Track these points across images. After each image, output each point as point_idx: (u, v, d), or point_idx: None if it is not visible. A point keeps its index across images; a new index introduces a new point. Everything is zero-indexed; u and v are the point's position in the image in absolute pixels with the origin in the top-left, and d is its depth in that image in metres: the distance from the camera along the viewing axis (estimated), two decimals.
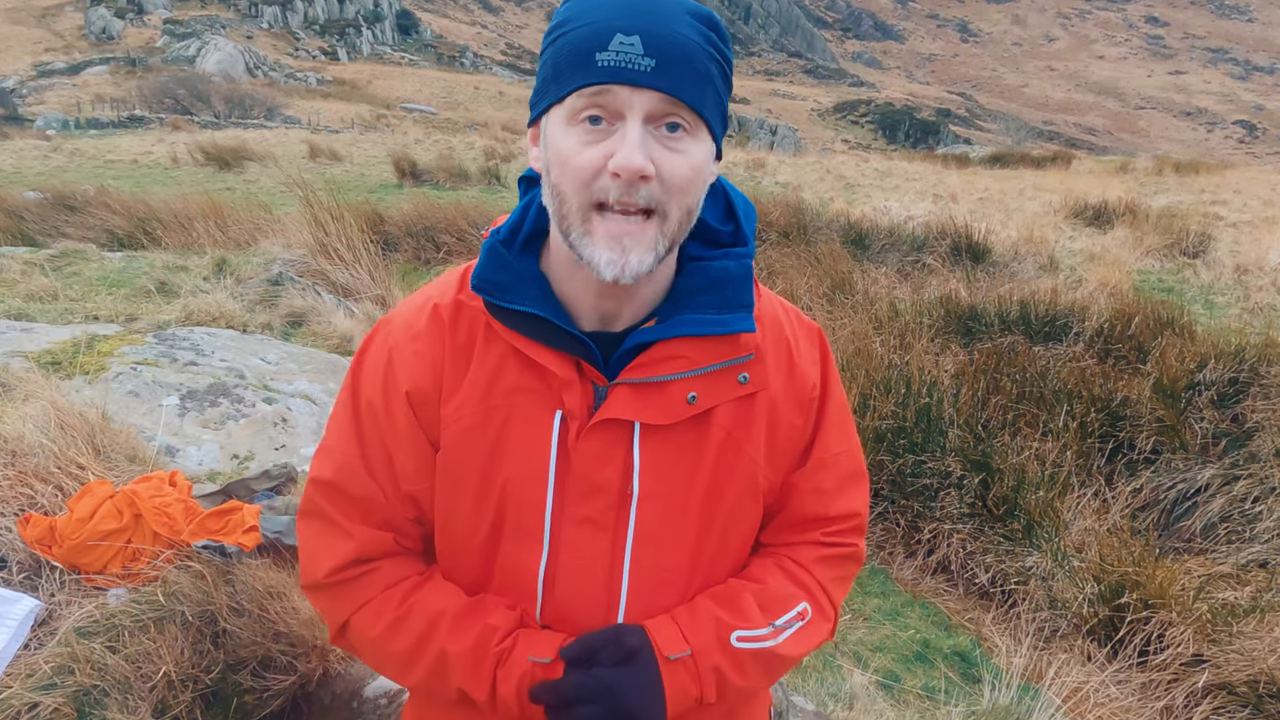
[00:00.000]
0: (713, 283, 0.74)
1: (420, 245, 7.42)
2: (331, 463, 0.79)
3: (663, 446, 0.73)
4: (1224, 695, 2.31)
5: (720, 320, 0.73)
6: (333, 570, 0.78)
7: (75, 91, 41.22)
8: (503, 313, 0.73)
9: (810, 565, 0.82)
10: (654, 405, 0.72)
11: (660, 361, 0.72)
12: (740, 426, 0.76)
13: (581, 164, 0.66)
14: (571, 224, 0.68)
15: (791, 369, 0.79)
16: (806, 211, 8.53)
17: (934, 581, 3.01)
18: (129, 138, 20.62)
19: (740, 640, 0.75)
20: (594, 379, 0.73)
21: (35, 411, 2.18)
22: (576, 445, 0.73)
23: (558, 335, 0.72)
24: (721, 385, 0.74)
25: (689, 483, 0.75)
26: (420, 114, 44.01)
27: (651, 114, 0.65)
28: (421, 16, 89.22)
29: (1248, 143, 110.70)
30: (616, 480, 0.73)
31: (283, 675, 1.71)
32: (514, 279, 0.73)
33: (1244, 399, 3.67)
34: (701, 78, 0.66)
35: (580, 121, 0.66)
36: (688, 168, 0.67)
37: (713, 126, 0.69)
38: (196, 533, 1.87)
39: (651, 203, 0.66)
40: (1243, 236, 8.57)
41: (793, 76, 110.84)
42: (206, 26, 66.07)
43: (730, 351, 0.74)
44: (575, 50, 0.65)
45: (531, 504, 0.74)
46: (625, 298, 0.73)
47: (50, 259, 5.05)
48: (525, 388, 0.73)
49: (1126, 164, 21.89)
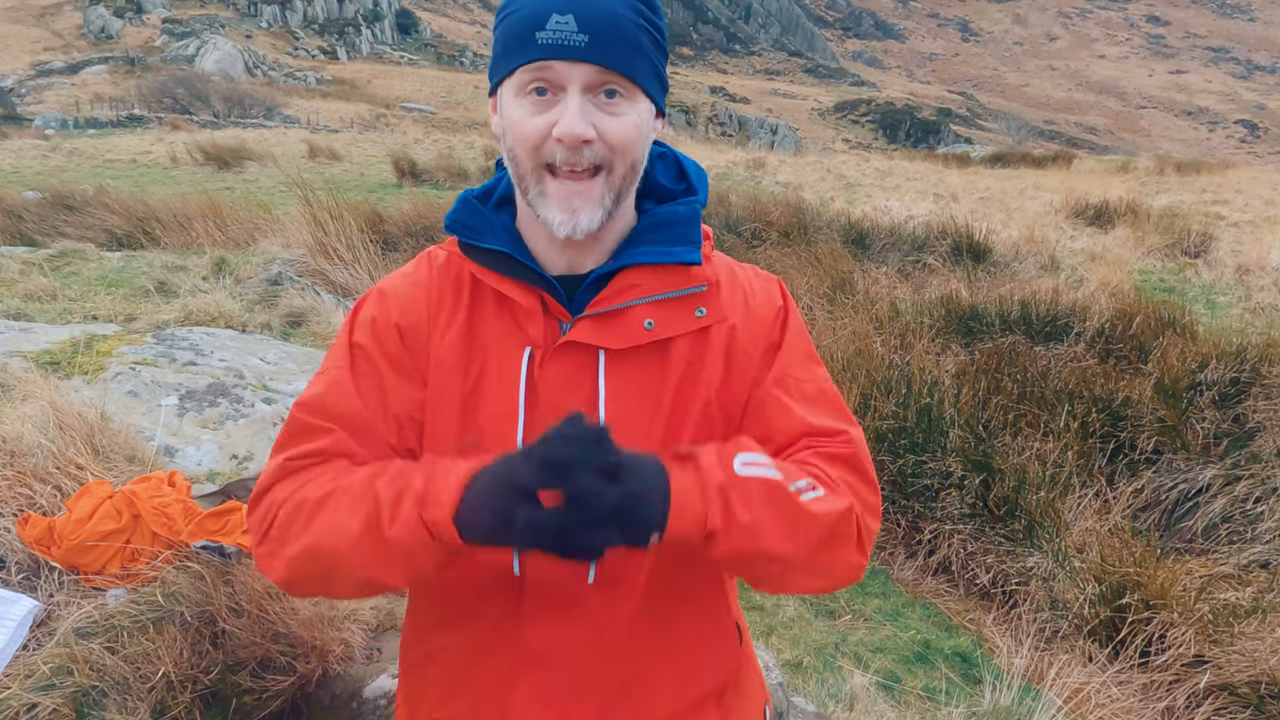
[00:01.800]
0: (663, 222, 0.81)
1: (420, 245, 7.41)
2: (322, 382, 0.81)
3: (626, 375, 0.77)
4: (1225, 696, 2.31)
5: (668, 251, 0.79)
6: (296, 455, 0.76)
7: (74, 91, 41.22)
8: (474, 251, 0.80)
9: (808, 459, 0.76)
10: (613, 331, 0.77)
11: (618, 293, 0.78)
12: (698, 358, 0.80)
13: (529, 131, 0.73)
14: (528, 184, 0.76)
15: (748, 309, 0.83)
16: (807, 211, 8.53)
17: (935, 582, 3.00)
18: (128, 137, 20.62)
19: (745, 466, 0.69)
20: (559, 315, 0.78)
21: (34, 411, 2.17)
22: (542, 373, 0.77)
23: (523, 273, 0.78)
24: (679, 316, 0.79)
25: (652, 411, 0.78)
26: (420, 113, 44.03)
27: (589, 84, 0.72)
28: (421, 16, 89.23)
29: (1249, 142, 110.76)
30: (583, 407, 0.75)
31: (282, 676, 1.70)
32: (485, 225, 0.81)
33: (1245, 399, 3.67)
34: (633, 48, 0.73)
35: (528, 93, 0.73)
36: (628, 126, 0.74)
37: (649, 90, 0.76)
38: (195, 533, 1.86)
39: (598, 160, 0.73)
40: (1244, 236, 8.57)
41: (793, 76, 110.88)
42: (205, 26, 66.07)
43: (682, 282, 0.79)
44: (518, 30, 0.73)
45: (504, 437, 0.77)
46: (587, 248, 0.79)
47: (49, 259, 5.05)
48: (500, 328, 0.79)
49: (1128, 163, 21.88)
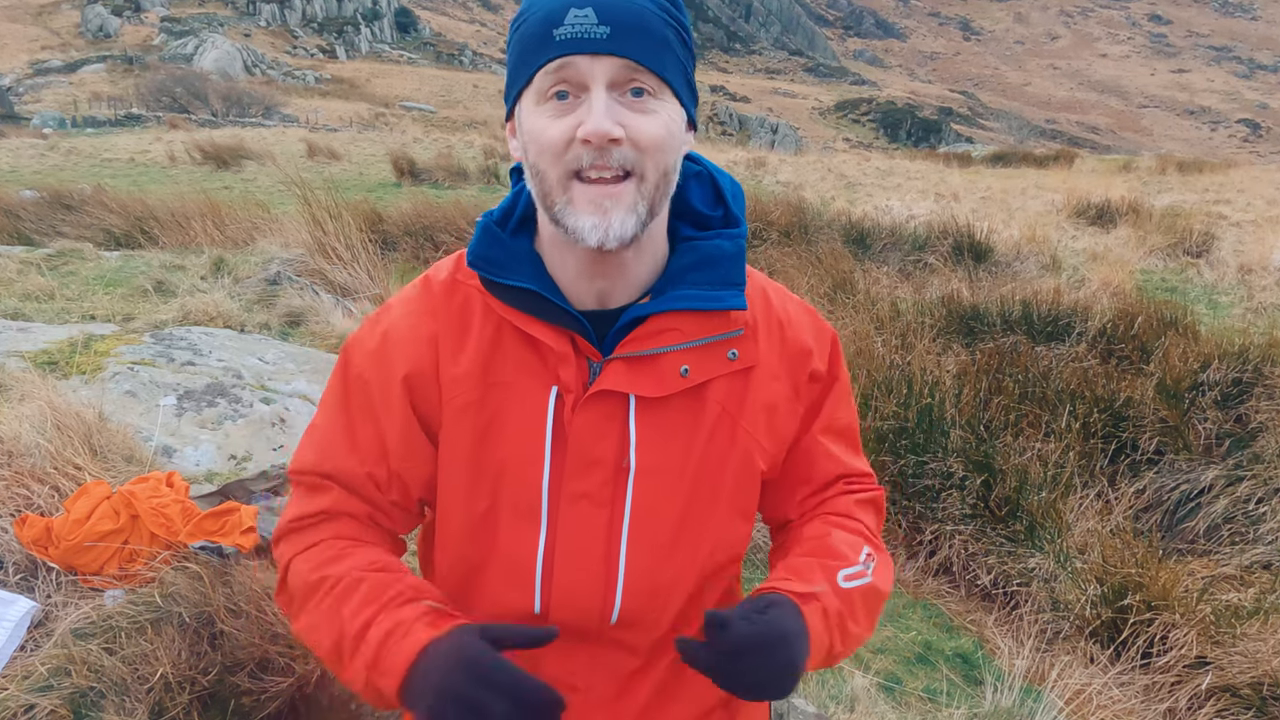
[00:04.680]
0: (706, 260, 0.75)
1: (419, 244, 7.40)
2: (314, 445, 0.79)
3: (658, 420, 0.74)
4: (1227, 697, 2.30)
5: (714, 296, 0.74)
6: (298, 517, 0.77)
7: (72, 90, 41.12)
8: (498, 288, 0.74)
9: (851, 511, 0.83)
10: (648, 378, 0.73)
11: (653, 335, 0.73)
12: (735, 402, 0.76)
13: (553, 137, 0.67)
14: (554, 198, 0.69)
15: (784, 343, 0.80)
16: (808, 211, 8.51)
17: (936, 583, 2.99)
18: (126, 136, 20.58)
19: (846, 579, 0.75)
20: (589, 354, 0.74)
21: (31, 411, 2.17)
22: (572, 419, 0.73)
23: (552, 311, 0.73)
24: (712, 360, 0.75)
25: (684, 457, 0.75)
26: (419, 112, 43.97)
27: (614, 81, 0.67)
28: (420, 14, 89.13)
29: (1251, 141, 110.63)
30: (612, 454, 0.73)
31: (280, 677, 1.69)
32: (508, 256, 0.74)
33: (1248, 399, 3.66)
34: (658, 42, 0.68)
35: (549, 99, 0.68)
36: (658, 126, 0.68)
37: (678, 91, 0.70)
38: (194, 534, 1.86)
39: (627, 164, 0.68)
40: (1246, 236, 8.55)
41: (794, 75, 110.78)
42: (204, 24, 65.94)
43: (721, 326, 0.75)
44: (535, 32, 0.68)
45: (528, 482, 0.73)
46: (617, 275, 0.74)
47: (47, 258, 5.03)
48: (522, 365, 0.74)
49: (1129, 163, 21.84)
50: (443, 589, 0.80)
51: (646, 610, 0.76)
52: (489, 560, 0.77)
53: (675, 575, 0.76)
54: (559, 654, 0.76)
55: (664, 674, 0.79)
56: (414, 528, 0.84)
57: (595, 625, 0.76)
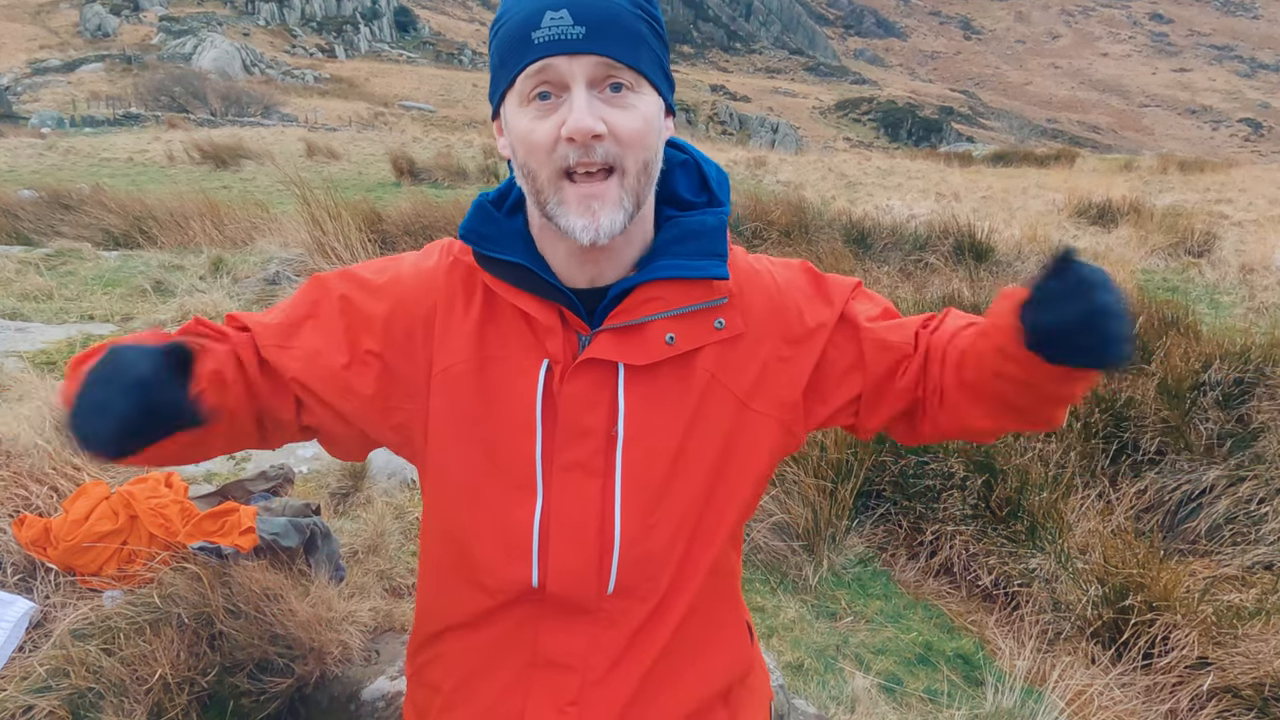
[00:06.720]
0: (689, 233, 0.78)
1: (418, 244, 7.22)
2: (262, 317, 0.80)
3: (647, 389, 0.75)
4: (1229, 698, 2.30)
5: (696, 265, 0.76)
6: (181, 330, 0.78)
7: (70, 89, 41.10)
8: (489, 262, 0.77)
9: (959, 317, 0.82)
10: (634, 346, 0.75)
11: (639, 305, 0.75)
12: (726, 370, 0.78)
13: (539, 138, 0.70)
14: (546, 196, 0.72)
15: (774, 309, 0.81)
16: (808, 210, 8.50)
17: (936, 584, 2.99)
18: (125, 136, 20.57)
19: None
20: (578, 328, 0.76)
21: (30, 412, 2.16)
22: (562, 389, 0.75)
23: (541, 286, 0.75)
24: (699, 328, 0.77)
25: (672, 424, 0.76)
26: (418, 112, 43.98)
27: (593, 78, 0.69)
28: (419, 13, 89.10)
29: (1253, 141, 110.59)
30: (603, 424, 0.75)
31: (279, 678, 1.69)
32: (500, 233, 0.77)
33: (1249, 399, 3.65)
34: (633, 37, 0.70)
35: (532, 100, 0.71)
36: (637, 120, 0.71)
37: (655, 82, 0.73)
38: (193, 534, 1.85)
39: (610, 159, 0.70)
40: (1248, 235, 8.55)
41: (794, 74, 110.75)
42: (203, 23, 65.89)
43: (704, 295, 0.77)
44: (513, 36, 0.70)
45: (521, 452, 0.75)
46: (607, 261, 0.76)
47: (45, 258, 5.03)
48: (514, 338, 0.76)
49: (1131, 162, 21.86)
50: (442, 562, 0.81)
51: (642, 577, 0.77)
52: (484, 531, 0.77)
53: (667, 541, 0.77)
54: (558, 631, 0.77)
55: (662, 659, 0.79)
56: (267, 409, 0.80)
57: (593, 596, 0.77)
